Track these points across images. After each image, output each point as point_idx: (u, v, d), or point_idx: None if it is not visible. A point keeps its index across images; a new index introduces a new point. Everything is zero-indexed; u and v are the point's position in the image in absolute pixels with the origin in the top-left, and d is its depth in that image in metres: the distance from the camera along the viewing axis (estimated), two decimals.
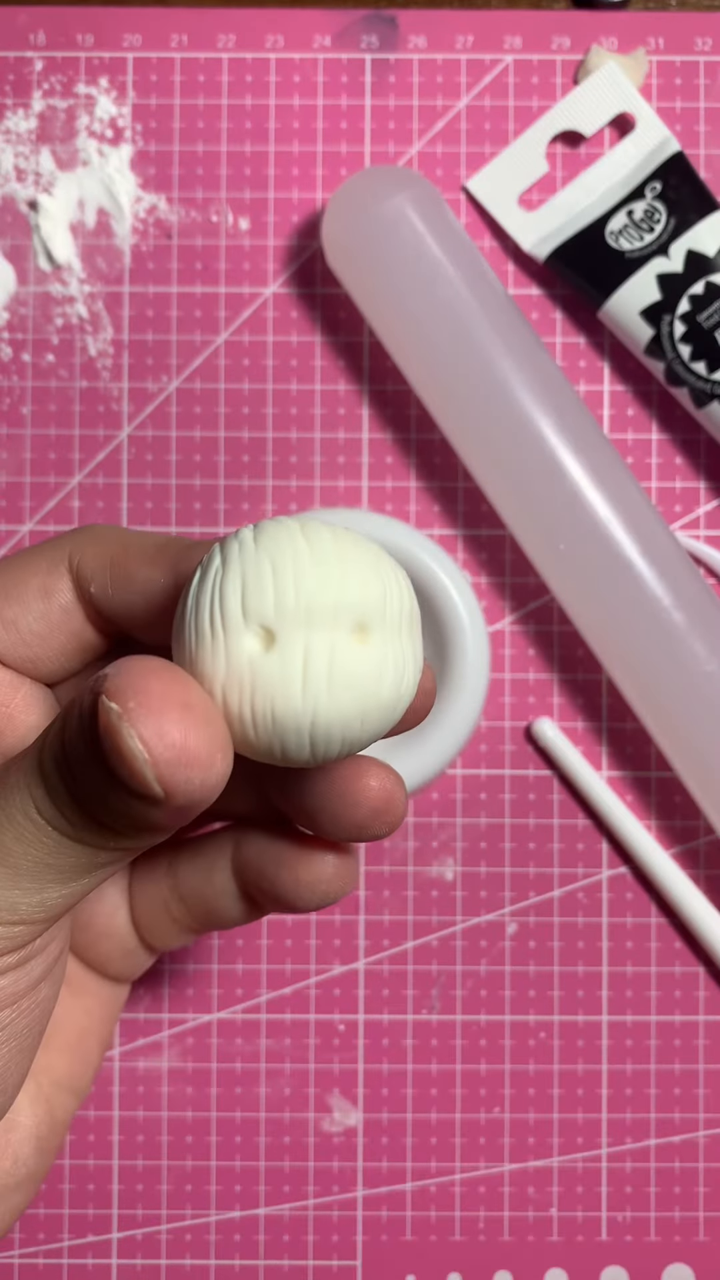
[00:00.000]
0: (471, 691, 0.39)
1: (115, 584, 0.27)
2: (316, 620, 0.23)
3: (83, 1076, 0.31)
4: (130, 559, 0.27)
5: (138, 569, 0.26)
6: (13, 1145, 0.29)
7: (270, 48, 0.42)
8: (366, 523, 0.39)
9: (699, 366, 0.39)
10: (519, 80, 0.42)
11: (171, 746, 0.22)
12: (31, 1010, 0.26)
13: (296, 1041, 0.41)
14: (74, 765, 0.23)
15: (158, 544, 0.27)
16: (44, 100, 0.42)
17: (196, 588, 0.24)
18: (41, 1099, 0.30)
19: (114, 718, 0.22)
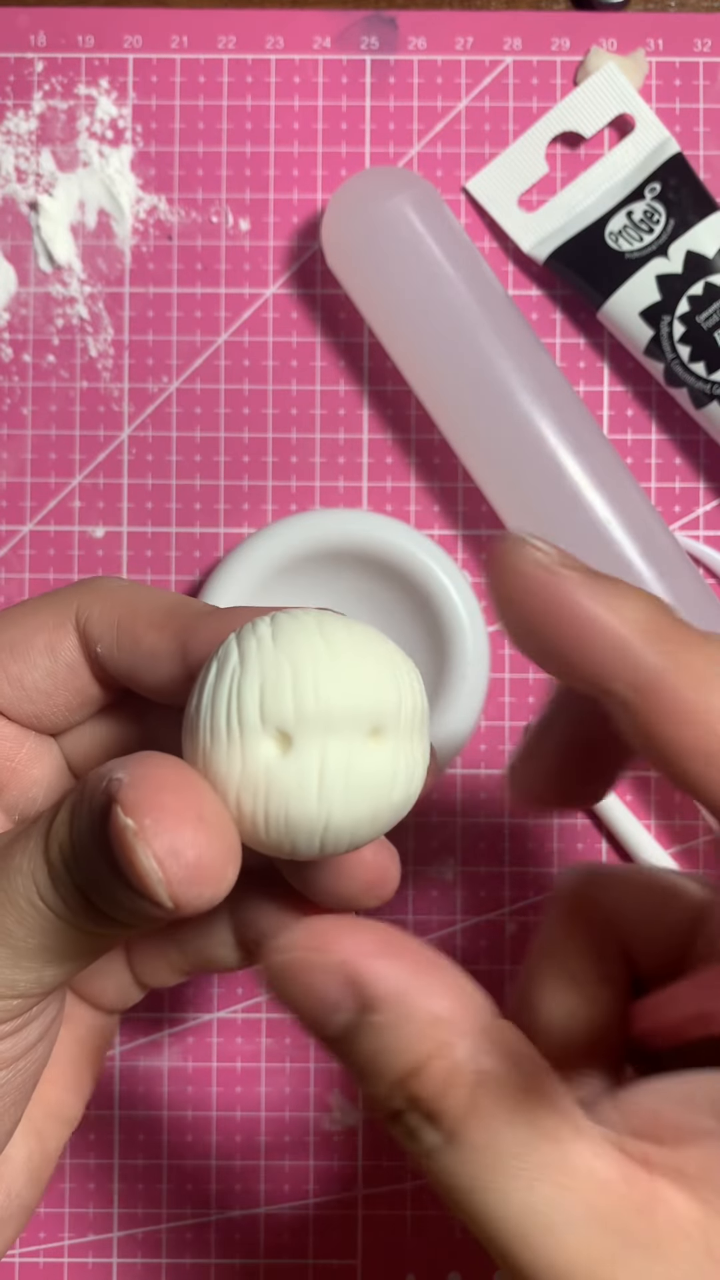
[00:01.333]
0: (471, 692, 0.39)
1: (122, 646, 0.26)
2: (335, 726, 0.23)
3: (74, 1105, 0.30)
4: (138, 622, 0.26)
5: (145, 633, 0.26)
6: (6, 1179, 0.29)
7: (270, 49, 0.42)
8: (364, 522, 0.39)
9: (698, 367, 0.39)
10: (519, 81, 0.42)
11: (185, 866, 0.21)
12: (27, 1068, 0.26)
13: (297, 1040, 0.41)
14: (80, 859, 0.23)
15: (166, 609, 0.26)
16: (44, 101, 0.42)
17: (213, 684, 0.23)
18: (33, 1131, 0.29)
19: (129, 835, 0.21)
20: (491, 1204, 0.22)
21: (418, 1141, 0.22)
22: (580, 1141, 0.22)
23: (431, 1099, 0.22)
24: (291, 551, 0.39)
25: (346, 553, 0.39)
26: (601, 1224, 0.21)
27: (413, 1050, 0.22)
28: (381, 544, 0.39)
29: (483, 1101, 0.22)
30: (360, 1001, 0.22)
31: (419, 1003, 0.22)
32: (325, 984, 0.22)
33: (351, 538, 0.39)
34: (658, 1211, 0.22)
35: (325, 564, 0.39)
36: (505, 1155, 0.21)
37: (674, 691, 0.21)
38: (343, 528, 0.39)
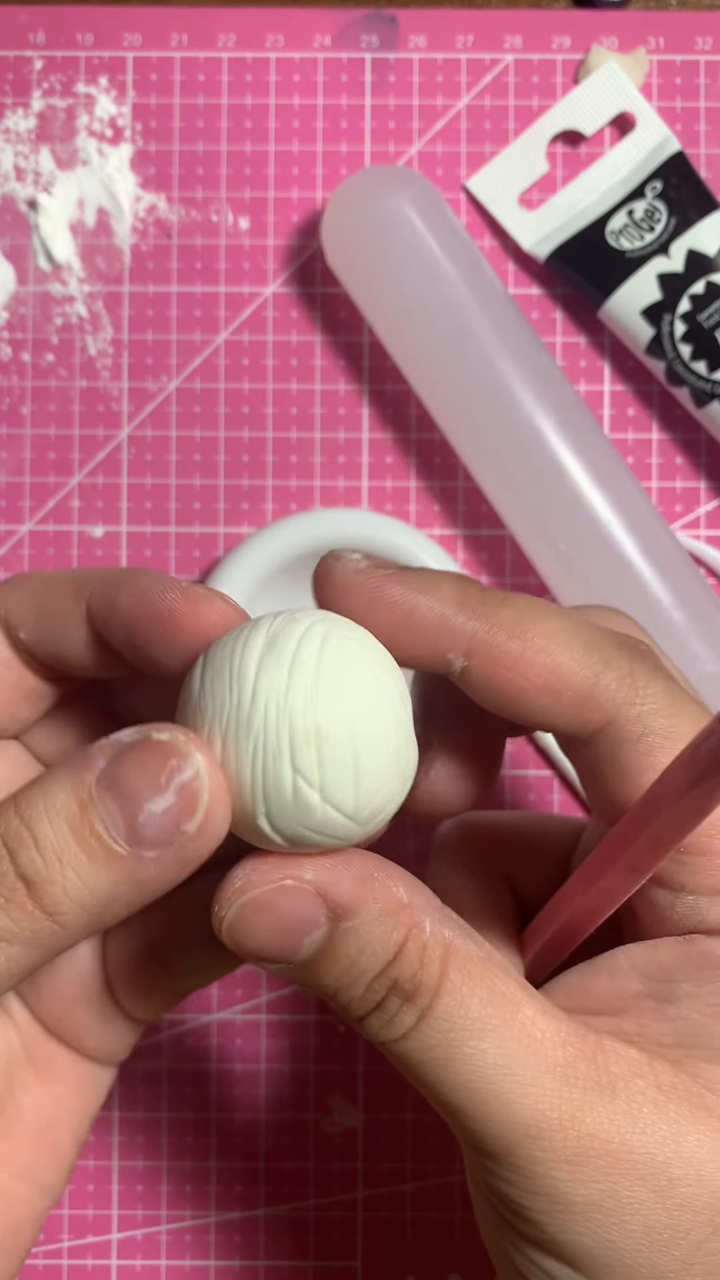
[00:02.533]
0: None
1: (41, 625, 0.27)
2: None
3: (50, 1170, 0.29)
4: (52, 600, 0.27)
5: (57, 608, 0.27)
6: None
7: (270, 47, 0.42)
8: (364, 522, 0.39)
9: (699, 366, 0.39)
10: (519, 80, 0.42)
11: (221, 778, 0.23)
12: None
13: (296, 1042, 0.41)
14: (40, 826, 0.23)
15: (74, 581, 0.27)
16: (44, 99, 0.42)
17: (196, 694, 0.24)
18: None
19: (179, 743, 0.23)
20: (465, 1069, 0.24)
21: (395, 1027, 0.24)
22: (532, 1003, 0.24)
23: (410, 977, 0.24)
24: (291, 551, 0.39)
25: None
26: (562, 1074, 0.24)
27: (390, 938, 0.24)
28: (381, 544, 0.39)
29: (451, 971, 0.24)
30: (333, 912, 0.23)
31: (385, 896, 0.24)
32: (299, 906, 0.23)
33: (351, 538, 0.39)
34: (608, 1059, 0.24)
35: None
36: (474, 1019, 0.24)
37: (499, 645, 0.25)
38: (343, 528, 0.39)
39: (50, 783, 0.23)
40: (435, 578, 0.25)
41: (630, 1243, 0.24)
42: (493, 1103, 0.24)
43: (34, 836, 0.23)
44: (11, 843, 0.23)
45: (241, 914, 0.23)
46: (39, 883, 0.23)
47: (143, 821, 0.23)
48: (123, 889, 0.23)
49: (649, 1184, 0.24)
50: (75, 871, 0.23)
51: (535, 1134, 0.23)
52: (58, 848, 0.23)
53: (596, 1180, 0.23)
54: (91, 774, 0.23)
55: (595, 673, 0.25)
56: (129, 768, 0.23)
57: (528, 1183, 0.24)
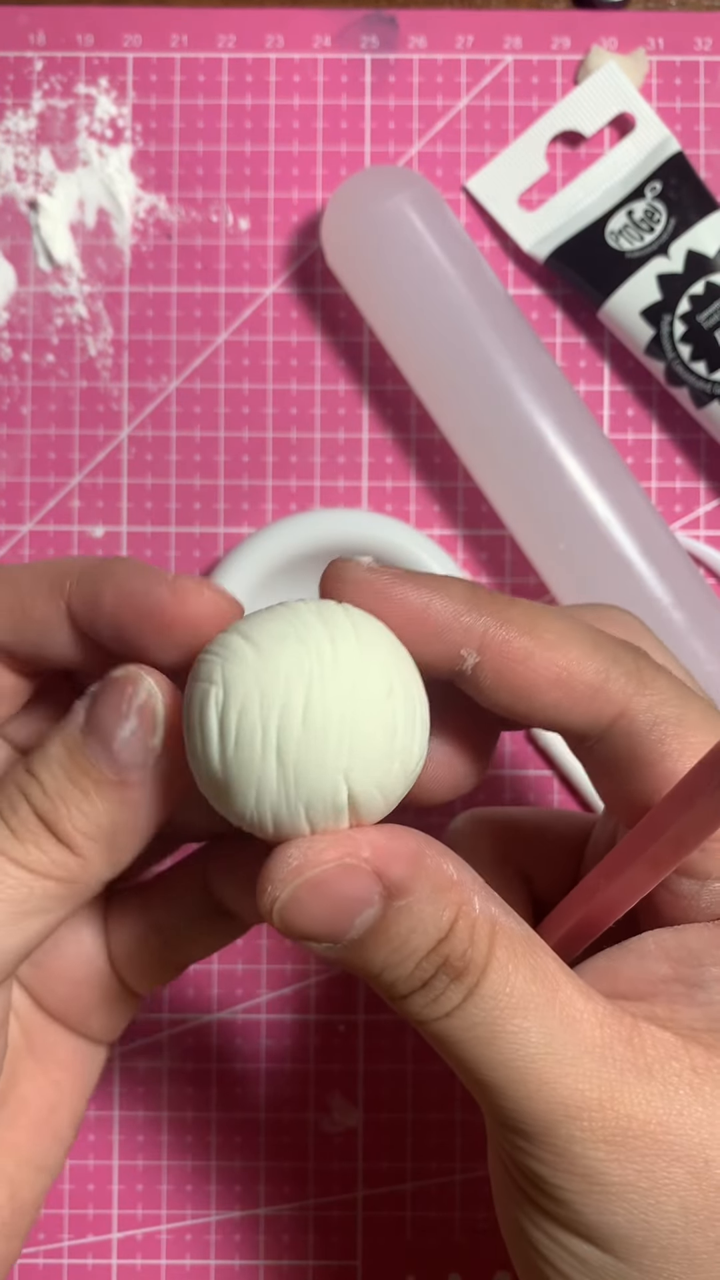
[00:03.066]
0: None
1: (16, 627, 0.27)
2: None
3: (52, 1153, 0.30)
4: (24, 599, 0.27)
5: (32, 607, 0.27)
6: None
7: (270, 48, 0.42)
8: (364, 522, 0.39)
9: (699, 366, 0.39)
10: (519, 80, 0.42)
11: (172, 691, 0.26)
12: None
13: (296, 1042, 0.41)
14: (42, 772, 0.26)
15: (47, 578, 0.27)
16: (44, 100, 0.42)
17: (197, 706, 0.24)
18: (4, 1180, 0.29)
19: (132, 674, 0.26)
20: (507, 1048, 0.24)
21: (441, 1004, 0.24)
22: (571, 982, 0.25)
23: (460, 955, 0.24)
24: (291, 551, 0.39)
25: (346, 553, 0.39)
26: (601, 1055, 0.24)
27: (442, 917, 0.24)
28: (381, 544, 0.39)
29: (498, 950, 0.24)
30: (387, 889, 0.24)
31: (438, 874, 0.24)
32: (356, 885, 0.24)
33: (351, 538, 0.39)
34: (644, 1041, 0.24)
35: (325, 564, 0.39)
36: (519, 996, 0.24)
37: (512, 640, 0.25)
38: (343, 528, 0.39)
39: (46, 739, 0.26)
40: (445, 579, 0.26)
41: (666, 1223, 0.24)
42: (533, 1081, 0.24)
43: (40, 782, 0.26)
44: (25, 788, 0.26)
45: (297, 894, 0.24)
46: (52, 820, 0.26)
47: (117, 749, 0.25)
48: (119, 813, 0.26)
49: (685, 1165, 0.24)
50: (76, 806, 0.25)
51: (574, 1114, 0.24)
52: (58, 789, 0.26)
53: (634, 1161, 0.24)
54: (75, 723, 0.26)
55: (604, 668, 0.26)
56: (99, 708, 0.26)
57: (564, 1163, 0.24)
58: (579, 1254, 0.25)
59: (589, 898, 0.26)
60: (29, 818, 0.26)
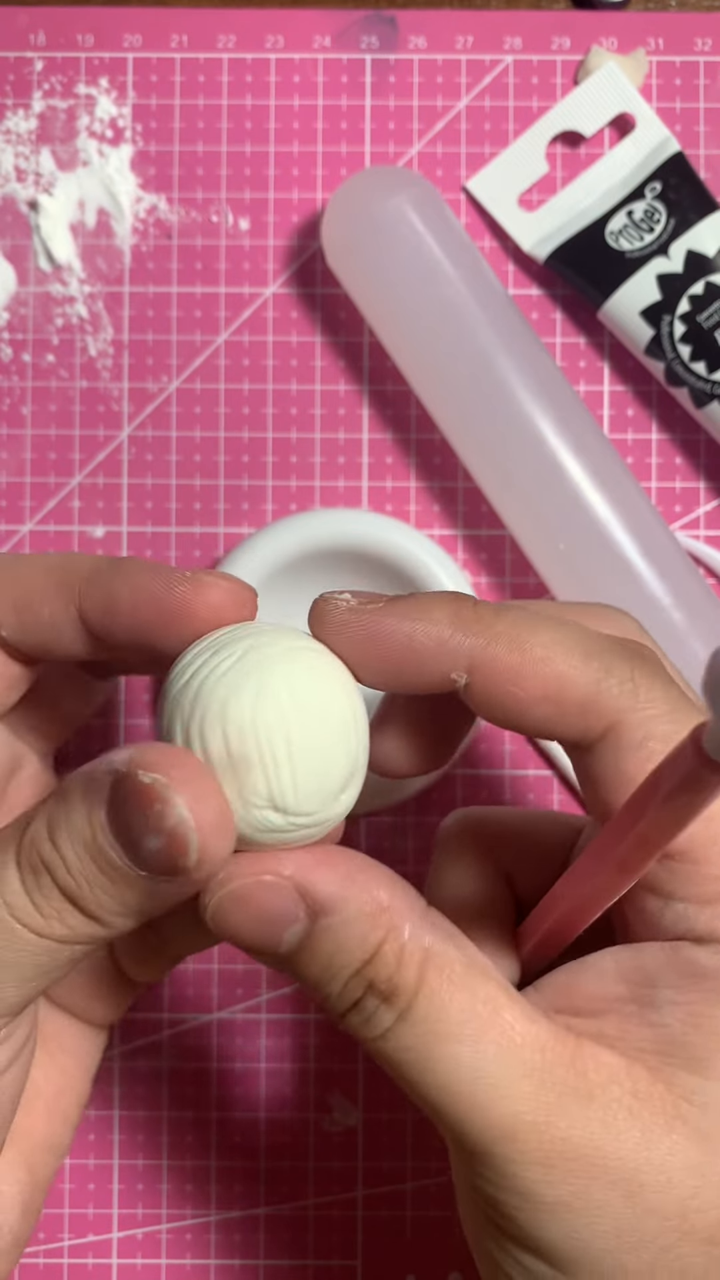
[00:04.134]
0: None
1: (24, 626, 0.27)
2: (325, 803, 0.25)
3: (62, 1135, 0.31)
4: (33, 598, 0.27)
5: (41, 607, 0.27)
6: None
7: (270, 48, 0.42)
8: (364, 522, 0.39)
9: (699, 367, 0.39)
10: (519, 80, 0.42)
11: (214, 811, 0.23)
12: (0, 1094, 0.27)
13: (296, 1041, 0.41)
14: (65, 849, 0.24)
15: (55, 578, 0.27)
16: (44, 100, 0.42)
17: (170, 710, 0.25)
18: (23, 1164, 0.30)
19: (160, 788, 0.23)
20: (442, 1071, 0.24)
21: (373, 1025, 0.24)
22: (514, 1007, 0.25)
23: (387, 979, 0.24)
24: (291, 551, 0.39)
25: (346, 553, 0.39)
26: (539, 1078, 0.24)
27: (367, 939, 0.24)
28: (381, 544, 0.39)
29: (429, 975, 0.24)
30: (312, 908, 0.24)
31: (364, 897, 0.24)
32: (277, 901, 0.24)
33: (352, 538, 0.39)
34: (586, 1064, 0.24)
35: (325, 564, 0.39)
36: (452, 1022, 0.24)
37: (499, 658, 0.25)
38: (343, 528, 0.39)
39: (69, 806, 0.24)
40: (427, 602, 0.26)
41: (600, 1243, 0.24)
42: (466, 1104, 0.24)
43: (63, 859, 0.24)
44: (49, 862, 0.24)
45: (222, 904, 0.24)
46: (78, 897, 0.24)
47: (144, 855, 0.24)
48: (147, 901, 0.24)
49: (620, 1189, 0.24)
50: (101, 890, 0.24)
51: (509, 1136, 0.24)
52: (83, 870, 0.24)
53: (568, 1182, 0.24)
54: (100, 801, 0.24)
55: (596, 680, 0.25)
56: (124, 803, 0.23)
57: (504, 1181, 0.24)
58: (530, 1268, 0.25)
59: (562, 900, 0.27)
60: (53, 894, 0.24)
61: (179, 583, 0.26)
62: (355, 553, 0.39)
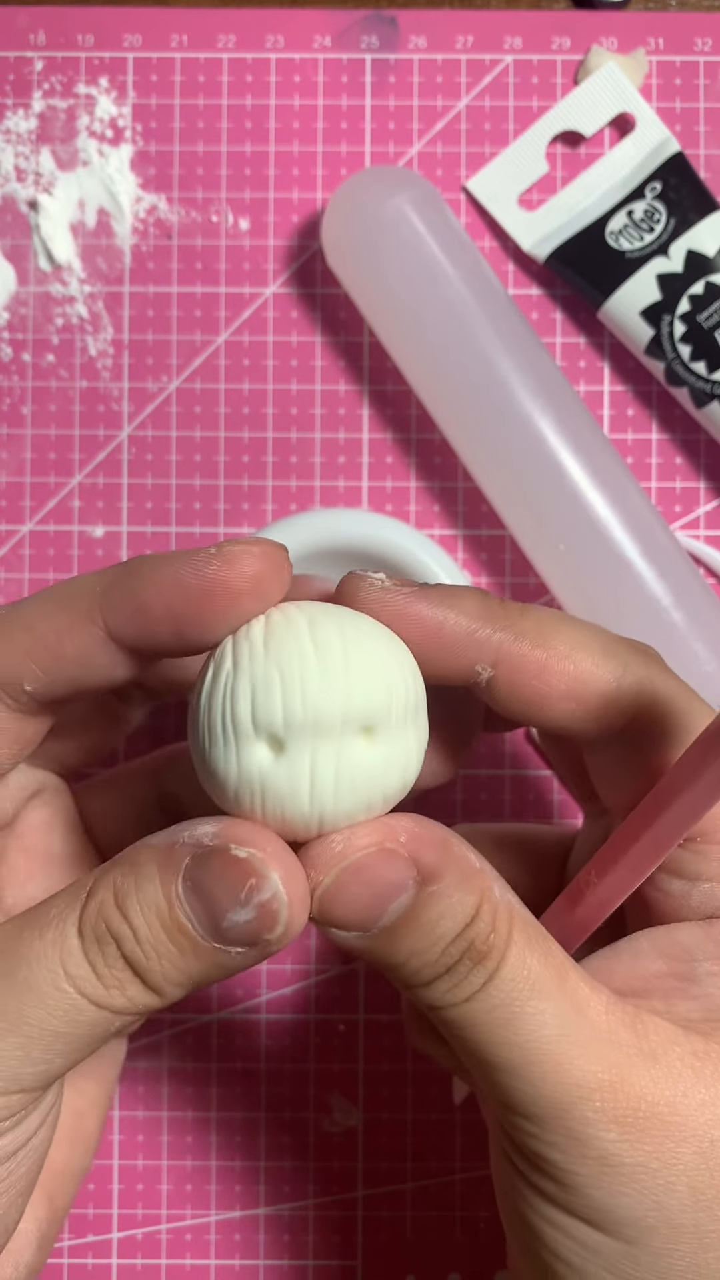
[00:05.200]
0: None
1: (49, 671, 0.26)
2: (323, 730, 0.24)
3: (83, 1159, 0.31)
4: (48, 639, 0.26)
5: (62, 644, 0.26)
6: (14, 1252, 0.29)
7: (270, 48, 0.42)
8: (364, 522, 0.39)
9: (699, 366, 0.39)
10: (519, 80, 0.42)
11: (303, 885, 0.23)
12: (28, 1158, 0.27)
13: (296, 1041, 0.41)
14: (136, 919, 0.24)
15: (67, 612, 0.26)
16: (44, 100, 0.42)
17: (209, 687, 0.24)
18: (44, 1197, 0.30)
19: (256, 862, 0.23)
20: (526, 1030, 0.24)
21: (464, 988, 0.24)
22: (577, 972, 0.25)
23: (484, 939, 0.24)
24: (291, 551, 0.39)
25: (346, 553, 0.39)
26: (608, 1040, 0.25)
27: (469, 901, 0.24)
28: (381, 544, 0.39)
29: (516, 934, 0.25)
30: (421, 876, 0.24)
31: (464, 860, 0.24)
32: (394, 870, 0.24)
33: (352, 538, 0.39)
34: (647, 1027, 0.25)
35: (325, 564, 0.39)
36: (536, 981, 0.24)
37: (525, 654, 0.26)
38: (343, 527, 0.39)
39: (142, 873, 0.24)
40: (457, 593, 0.26)
41: (676, 1203, 0.24)
42: (549, 1062, 0.24)
43: (132, 929, 0.24)
44: (116, 932, 0.24)
45: (340, 879, 0.24)
46: (143, 969, 0.24)
47: (226, 927, 0.24)
48: (214, 973, 0.24)
49: (692, 1145, 0.24)
50: (169, 960, 0.24)
51: (588, 1095, 0.24)
52: (153, 940, 0.24)
53: (644, 1143, 0.24)
54: (177, 871, 0.24)
55: (616, 676, 0.26)
56: (209, 876, 0.23)
57: (576, 1145, 0.24)
58: (584, 1240, 0.25)
59: (579, 897, 0.27)
60: (117, 963, 0.24)
61: (207, 562, 0.25)
62: (355, 553, 0.39)
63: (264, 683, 0.24)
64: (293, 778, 0.24)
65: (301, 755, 0.24)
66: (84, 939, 0.24)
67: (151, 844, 0.24)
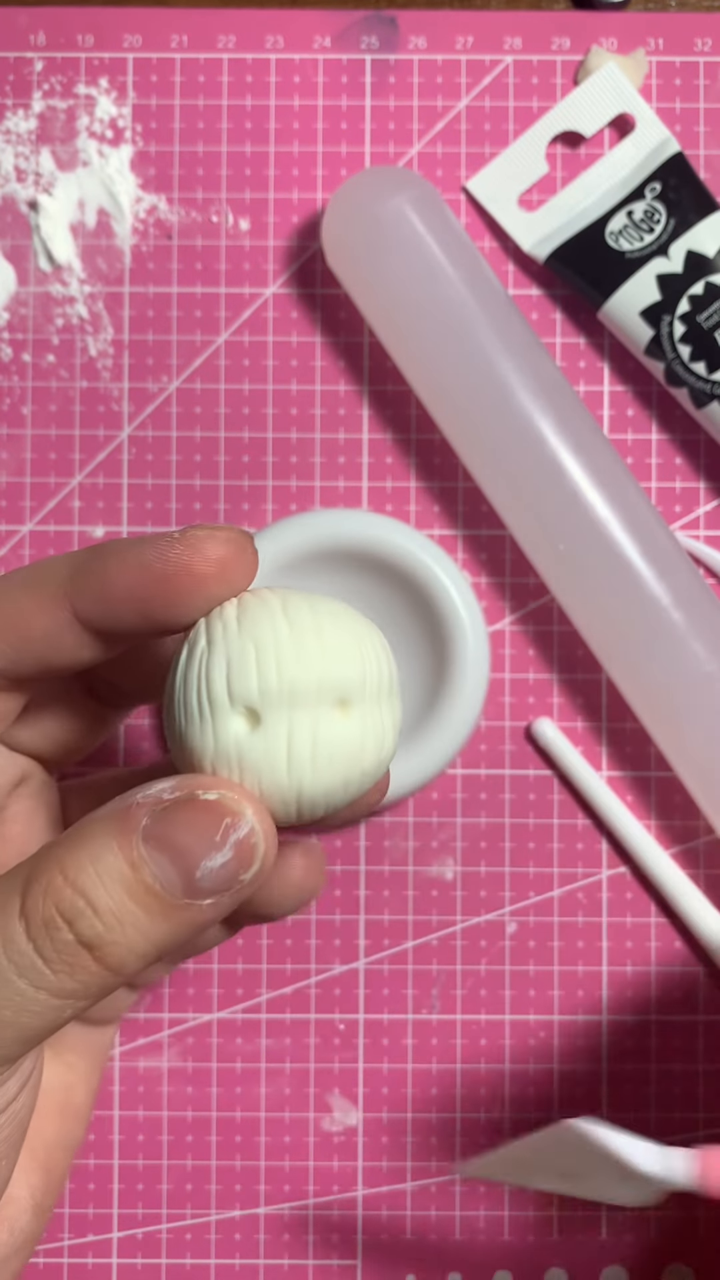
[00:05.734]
0: (471, 692, 0.39)
1: (18, 648, 0.26)
2: (299, 700, 0.24)
3: (75, 1130, 0.31)
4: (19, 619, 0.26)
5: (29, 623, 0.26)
6: (9, 1218, 0.29)
7: (270, 48, 0.42)
8: (363, 522, 0.39)
9: (699, 367, 0.39)
10: (519, 81, 0.42)
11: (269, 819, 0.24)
12: (9, 1123, 0.26)
13: (296, 1041, 0.41)
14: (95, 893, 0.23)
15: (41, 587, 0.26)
16: (44, 101, 0.42)
17: (184, 665, 0.25)
18: (37, 1166, 0.30)
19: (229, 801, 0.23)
20: None
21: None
22: None
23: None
24: (291, 551, 0.39)
25: (346, 553, 0.39)
26: None
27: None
28: (381, 544, 0.39)
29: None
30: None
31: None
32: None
33: (352, 538, 0.39)
34: None
35: (325, 564, 0.39)
36: None
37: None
38: (343, 527, 0.39)
39: (96, 844, 0.23)
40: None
41: None
42: None
43: (91, 904, 0.23)
44: (68, 913, 0.23)
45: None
46: (102, 945, 0.23)
47: (200, 876, 0.23)
48: (182, 933, 0.24)
49: None
50: (134, 928, 0.23)
51: None
52: (116, 910, 0.23)
53: None
54: (136, 832, 0.23)
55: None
56: (178, 827, 0.23)
57: None
58: None
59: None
60: (69, 946, 0.23)
61: (171, 546, 0.24)
62: (355, 553, 0.39)
63: (239, 656, 0.24)
64: (270, 749, 0.24)
65: (278, 726, 0.24)
66: (29, 923, 0.23)
67: (100, 814, 0.24)
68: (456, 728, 0.39)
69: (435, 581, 0.39)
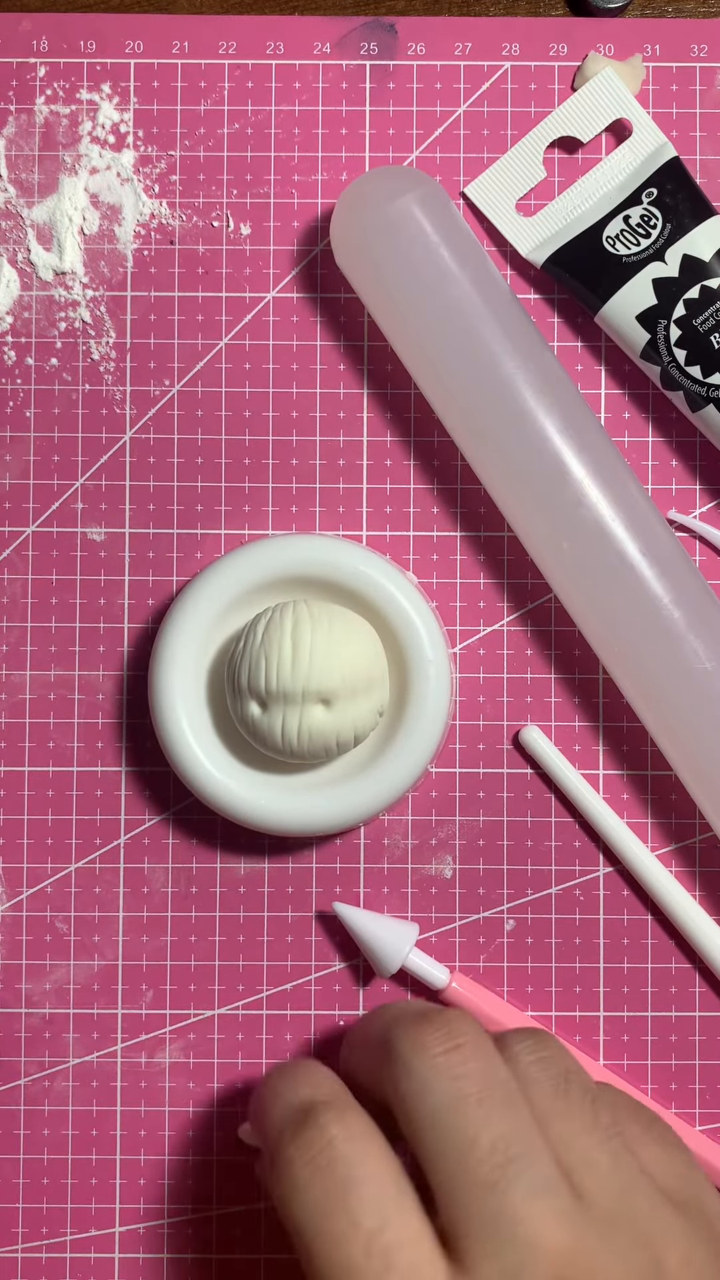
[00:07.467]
0: (433, 716, 0.39)
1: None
2: (290, 700, 0.37)
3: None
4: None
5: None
6: None
7: (271, 54, 0.42)
8: (320, 548, 0.39)
9: (694, 370, 0.40)
10: (517, 86, 0.42)
11: None
12: None
13: (297, 1036, 0.41)
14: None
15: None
16: (47, 106, 0.42)
17: (235, 656, 0.38)
18: None
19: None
20: None
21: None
22: None
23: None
24: (248, 581, 0.39)
25: (305, 580, 0.39)
26: None
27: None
28: (335, 568, 0.39)
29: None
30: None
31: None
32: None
33: (308, 565, 0.39)
34: None
35: (284, 591, 0.39)
36: None
37: None
38: (294, 554, 0.39)
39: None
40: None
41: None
42: None
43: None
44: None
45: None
46: None
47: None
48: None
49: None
50: None
51: None
52: None
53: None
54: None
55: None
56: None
57: None
58: None
59: None
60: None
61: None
62: (312, 579, 0.39)
63: (255, 663, 0.37)
64: (270, 727, 0.37)
65: (276, 714, 0.37)
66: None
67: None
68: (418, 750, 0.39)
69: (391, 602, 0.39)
